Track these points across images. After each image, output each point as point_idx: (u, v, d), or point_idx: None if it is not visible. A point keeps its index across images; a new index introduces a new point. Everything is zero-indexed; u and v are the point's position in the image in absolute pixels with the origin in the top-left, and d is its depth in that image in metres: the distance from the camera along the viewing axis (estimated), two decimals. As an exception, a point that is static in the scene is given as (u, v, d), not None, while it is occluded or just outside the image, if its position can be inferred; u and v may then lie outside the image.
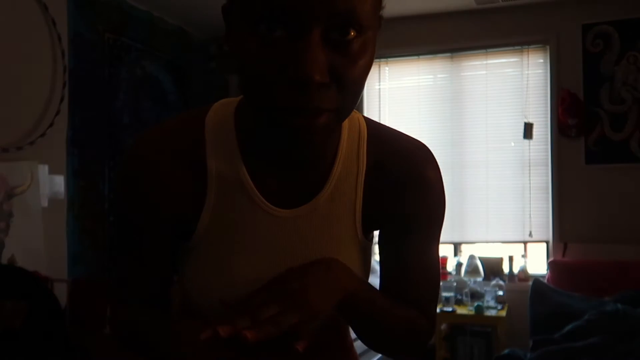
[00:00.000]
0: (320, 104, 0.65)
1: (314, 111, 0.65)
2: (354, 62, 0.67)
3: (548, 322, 3.53)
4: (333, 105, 0.67)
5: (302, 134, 0.67)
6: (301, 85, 0.63)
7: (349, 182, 0.85)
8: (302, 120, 0.66)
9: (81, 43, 3.61)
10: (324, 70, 0.64)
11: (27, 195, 3.11)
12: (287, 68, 0.63)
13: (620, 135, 4.12)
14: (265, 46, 0.64)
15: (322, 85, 0.64)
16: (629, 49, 4.11)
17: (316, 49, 0.63)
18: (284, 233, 0.84)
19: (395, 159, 0.86)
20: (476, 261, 4.14)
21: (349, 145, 0.85)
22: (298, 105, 0.65)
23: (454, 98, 4.57)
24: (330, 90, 0.66)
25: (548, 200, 4.30)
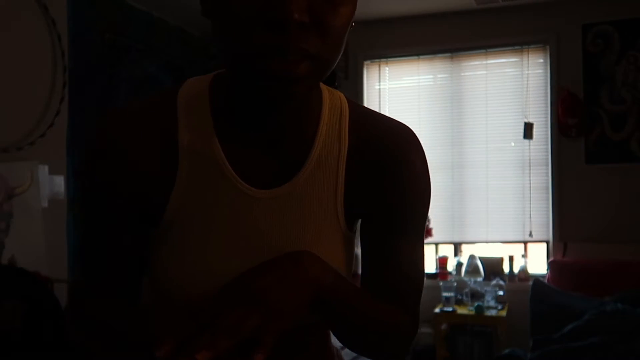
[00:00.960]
0: (301, 44, 0.62)
1: (293, 53, 0.62)
2: (335, 8, 0.64)
3: (548, 322, 3.53)
4: (314, 49, 0.63)
5: (282, 81, 0.63)
6: (279, 25, 0.61)
7: (330, 163, 0.79)
8: (281, 65, 0.62)
9: (81, 43, 3.61)
10: (303, 9, 0.61)
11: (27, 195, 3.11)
12: (265, 9, 0.61)
13: (621, 135, 4.12)
14: None
15: (301, 26, 0.61)
16: (629, 48, 4.11)
17: None
18: (260, 215, 0.78)
19: (378, 141, 0.81)
20: (476, 261, 4.13)
21: (330, 123, 0.80)
22: (277, 46, 0.62)
23: (454, 98, 4.57)
24: (310, 34, 0.63)
25: (548, 200, 4.30)
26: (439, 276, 4.42)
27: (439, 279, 4.38)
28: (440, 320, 4.05)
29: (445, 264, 4.43)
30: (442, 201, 4.53)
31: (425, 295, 3.54)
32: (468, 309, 3.98)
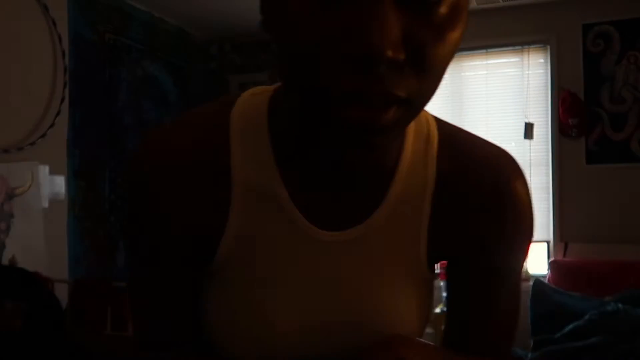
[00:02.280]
0: (392, 89, 0.48)
1: (381, 100, 0.48)
2: (440, 35, 0.49)
3: (549, 322, 3.52)
4: (406, 93, 0.49)
5: (360, 132, 0.49)
6: (366, 63, 0.46)
7: (413, 200, 0.66)
8: (363, 113, 0.48)
9: (82, 44, 3.61)
10: (398, 43, 0.46)
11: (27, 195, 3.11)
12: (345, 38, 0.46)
13: (621, 135, 4.12)
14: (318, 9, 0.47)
15: (394, 64, 0.46)
16: (629, 48, 4.11)
17: (388, 13, 0.45)
18: (329, 262, 0.66)
19: (473, 171, 0.67)
20: (477, 261, 4.13)
21: (414, 152, 0.66)
22: (360, 91, 0.47)
23: (454, 98, 4.56)
24: (405, 72, 0.48)
25: (549, 200, 4.30)
26: (440, 276, 4.41)
27: (440, 279, 4.37)
28: (441, 321, 4.04)
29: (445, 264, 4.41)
30: (442, 201, 4.52)
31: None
32: (468, 309, 3.97)
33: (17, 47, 3.17)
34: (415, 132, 0.66)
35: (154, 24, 4.32)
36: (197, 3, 4.19)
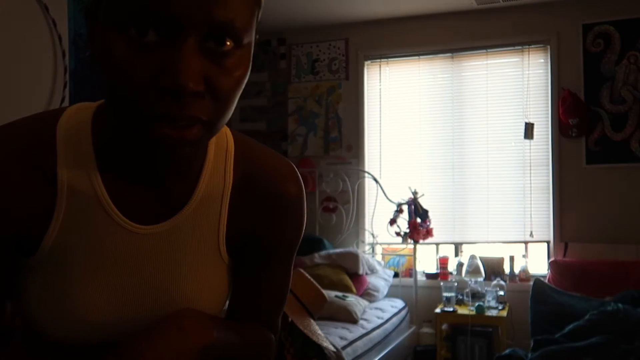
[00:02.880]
0: (194, 113, 0.62)
1: (186, 121, 0.62)
2: (229, 74, 0.64)
3: (549, 322, 3.53)
4: (206, 115, 0.63)
5: (172, 145, 0.63)
6: (174, 94, 0.60)
7: (213, 200, 0.80)
8: (172, 131, 0.62)
9: (82, 44, 3.61)
10: (199, 79, 0.61)
11: (28, 195, 3.11)
12: (159, 75, 0.60)
13: (621, 135, 4.12)
14: (135, 51, 0.60)
15: (196, 95, 0.61)
16: (629, 48, 4.11)
17: (192, 56, 0.60)
18: (141, 251, 0.78)
19: (259, 176, 0.83)
20: (477, 261, 4.13)
21: (215, 161, 0.80)
22: (170, 114, 0.61)
23: (455, 98, 4.57)
24: (204, 100, 0.62)
25: (549, 201, 4.30)
26: (440, 276, 4.42)
27: (440, 279, 4.38)
28: (441, 321, 4.05)
29: (446, 264, 4.43)
30: (442, 202, 4.53)
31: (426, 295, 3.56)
32: (469, 309, 3.98)
33: (18, 47, 3.17)
34: (216, 145, 0.81)
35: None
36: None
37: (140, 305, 0.79)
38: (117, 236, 0.76)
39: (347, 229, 4.71)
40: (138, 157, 0.73)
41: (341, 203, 4.74)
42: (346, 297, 3.75)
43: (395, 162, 4.70)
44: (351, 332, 3.37)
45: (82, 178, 0.73)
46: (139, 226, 0.77)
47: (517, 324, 3.92)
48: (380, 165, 4.73)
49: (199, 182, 0.79)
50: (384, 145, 4.74)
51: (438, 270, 4.50)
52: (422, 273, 4.54)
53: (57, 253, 0.75)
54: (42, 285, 0.77)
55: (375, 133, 4.77)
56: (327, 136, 4.85)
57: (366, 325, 3.58)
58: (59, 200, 0.73)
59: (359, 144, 4.78)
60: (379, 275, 4.38)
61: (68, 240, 0.75)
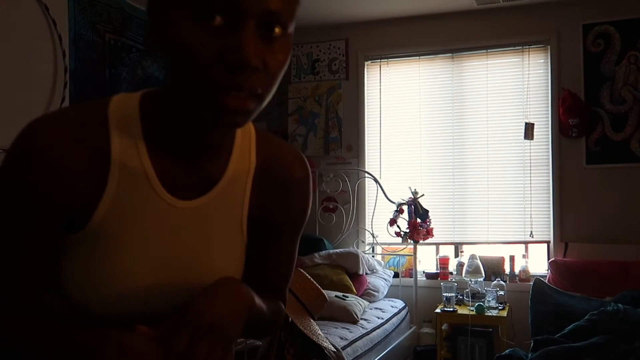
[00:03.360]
0: (252, 85, 0.73)
1: (247, 92, 0.73)
2: (276, 56, 0.75)
3: (549, 322, 3.53)
4: (260, 89, 0.74)
5: (235, 113, 0.74)
6: (239, 68, 0.71)
7: (240, 180, 0.91)
8: (236, 101, 0.73)
9: (82, 44, 3.62)
10: (258, 57, 0.72)
11: (28, 195, 3.11)
12: (226, 53, 0.71)
13: (621, 135, 4.12)
14: (204, 33, 0.71)
15: (255, 70, 0.72)
16: (629, 48, 4.11)
17: (252, 38, 0.71)
18: (179, 225, 0.86)
19: (276, 161, 0.94)
20: (477, 261, 4.13)
21: (241, 144, 0.91)
22: (235, 85, 0.72)
23: (455, 98, 4.57)
24: (259, 76, 0.74)
25: (549, 201, 4.30)
26: (440, 276, 4.42)
27: (440, 279, 4.38)
28: (441, 320, 4.05)
29: (446, 264, 4.43)
30: (442, 202, 4.53)
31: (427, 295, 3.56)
32: (469, 309, 3.98)
33: (18, 47, 3.17)
34: (241, 131, 0.91)
35: (154, 24, 4.32)
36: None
37: (176, 276, 0.87)
38: (159, 210, 0.84)
39: (347, 229, 4.71)
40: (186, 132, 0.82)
41: (341, 203, 4.74)
42: (346, 297, 3.75)
43: (395, 162, 4.70)
44: (351, 332, 3.37)
45: (132, 156, 0.82)
46: (178, 201, 0.85)
47: (517, 324, 3.92)
48: (380, 165, 4.73)
49: (230, 162, 0.89)
50: (384, 146, 4.74)
51: (438, 270, 4.50)
52: (422, 273, 4.54)
53: (104, 227, 0.82)
54: (86, 259, 0.83)
55: (375, 133, 4.77)
56: (327, 136, 4.85)
57: (366, 325, 3.58)
58: (111, 176, 0.81)
59: (359, 144, 4.78)
60: (379, 275, 4.38)
61: (116, 214, 0.82)
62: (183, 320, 0.77)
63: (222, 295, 0.82)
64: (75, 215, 0.81)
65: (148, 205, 0.84)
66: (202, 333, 0.77)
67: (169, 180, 0.84)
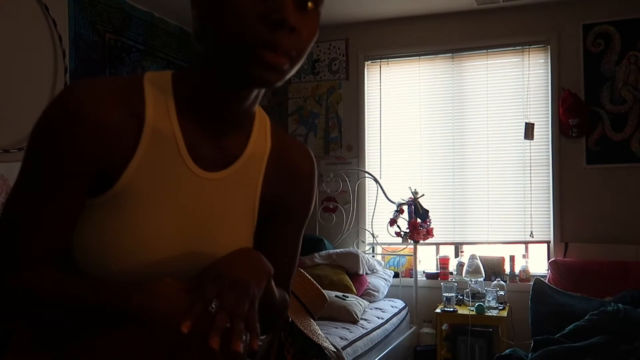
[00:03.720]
0: (288, 44, 0.79)
1: (283, 50, 0.78)
2: (308, 26, 0.81)
3: (549, 322, 3.53)
4: (294, 51, 0.80)
5: (272, 69, 0.79)
6: (279, 25, 0.77)
7: (256, 160, 0.95)
8: (273, 57, 0.78)
9: (82, 44, 3.62)
10: (296, 20, 0.78)
11: (28, 196, 3.11)
12: (269, 12, 0.77)
13: (621, 135, 4.12)
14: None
15: (292, 30, 0.78)
16: (629, 49, 4.11)
17: (293, 4, 0.78)
18: (200, 194, 0.89)
19: (286, 150, 0.99)
20: (477, 261, 4.13)
21: (259, 126, 0.96)
22: (274, 41, 0.77)
23: (455, 98, 4.57)
24: (294, 38, 0.79)
25: (549, 201, 4.30)
26: (440, 276, 4.42)
27: (440, 279, 4.38)
28: (442, 321, 4.05)
29: (446, 264, 4.43)
30: (442, 202, 4.53)
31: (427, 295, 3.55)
32: (469, 309, 3.98)
33: (18, 47, 3.18)
34: (258, 114, 0.96)
35: (154, 24, 4.32)
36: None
37: (192, 243, 0.89)
38: (184, 177, 0.87)
39: (347, 229, 4.71)
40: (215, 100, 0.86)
41: (341, 203, 4.74)
42: (346, 297, 3.75)
43: (396, 162, 4.70)
44: (351, 332, 3.37)
45: (165, 122, 0.86)
46: (202, 171, 0.89)
47: (517, 324, 3.92)
48: (380, 166, 4.73)
49: (250, 140, 0.94)
50: (384, 146, 4.74)
51: (438, 270, 4.50)
52: (422, 273, 4.54)
53: (130, 187, 0.84)
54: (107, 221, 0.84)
55: (375, 133, 4.77)
56: (327, 136, 4.85)
57: (366, 325, 3.58)
58: (143, 138, 0.84)
59: (359, 144, 4.78)
60: (379, 276, 4.38)
61: (143, 176, 0.85)
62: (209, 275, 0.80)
63: (245, 258, 0.85)
64: (103, 175, 0.83)
65: (174, 170, 0.87)
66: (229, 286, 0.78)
67: (195, 150, 0.88)
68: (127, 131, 0.83)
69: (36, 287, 0.82)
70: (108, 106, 0.82)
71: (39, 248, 0.83)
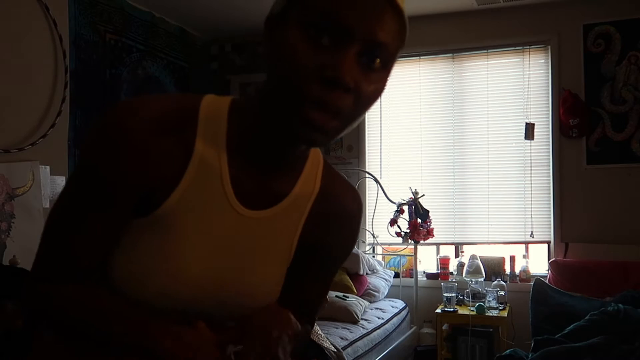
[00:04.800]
0: (340, 104, 0.75)
1: (333, 110, 0.74)
2: (370, 85, 0.77)
3: (549, 322, 3.52)
4: (346, 111, 0.76)
5: (317, 127, 0.75)
6: (334, 85, 0.73)
7: (302, 201, 0.93)
8: (321, 116, 0.75)
9: (82, 44, 3.62)
10: (352, 79, 0.74)
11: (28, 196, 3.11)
12: (325, 69, 0.73)
13: (622, 136, 4.12)
14: (311, 48, 0.74)
15: (347, 90, 0.74)
16: (630, 49, 4.11)
17: (352, 60, 0.74)
18: (238, 231, 0.89)
19: (336, 192, 0.98)
20: (478, 261, 4.13)
21: (310, 167, 0.94)
22: (325, 100, 0.74)
23: (455, 98, 4.57)
24: (349, 99, 0.75)
25: (549, 201, 4.30)
26: (440, 276, 4.42)
27: (440, 279, 4.38)
28: (442, 321, 4.05)
29: (446, 265, 4.42)
30: (443, 202, 4.53)
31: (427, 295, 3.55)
32: (469, 309, 3.97)
33: (18, 47, 3.18)
34: (312, 154, 0.94)
35: (154, 24, 4.32)
36: (198, 3, 4.19)
37: (223, 280, 0.89)
38: (225, 212, 0.87)
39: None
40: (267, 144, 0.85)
41: (342, 203, 4.73)
42: (347, 297, 3.75)
43: (396, 162, 4.70)
44: (352, 332, 3.37)
45: (213, 154, 0.84)
46: (243, 209, 0.88)
47: (518, 324, 3.92)
48: (380, 166, 4.72)
49: (297, 183, 0.92)
50: (384, 146, 4.74)
51: (438, 270, 4.50)
52: (423, 273, 4.54)
53: (171, 216, 0.84)
54: (144, 244, 0.85)
55: (375, 133, 4.77)
56: (328, 136, 4.85)
57: (367, 326, 3.58)
58: (190, 168, 0.84)
59: (359, 144, 4.77)
60: (380, 276, 4.38)
61: (184, 206, 0.84)
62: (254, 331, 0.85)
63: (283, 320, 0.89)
64: (147, 200, 0.83)
65: (215, 204, 0.86)
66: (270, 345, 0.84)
67: (240, 186, 0.87)
68: (175, 158, 0.83)
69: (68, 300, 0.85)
70: (158, 131, 0.81)
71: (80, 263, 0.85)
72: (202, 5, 4.21)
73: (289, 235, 0.94)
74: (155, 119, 0.81)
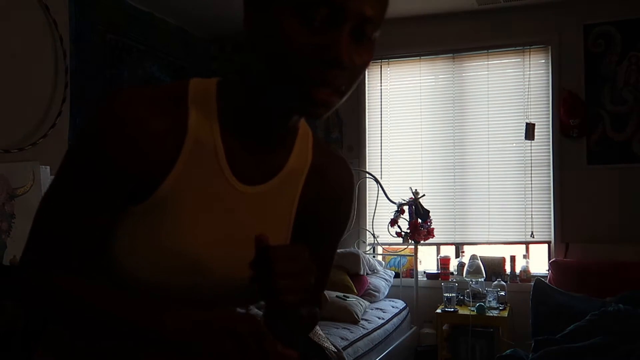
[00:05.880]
0: (340, 82, 0.78)
1: (334, 88, 0.78)
2: (362, 57, 0.80)
3: (550, 322, 3.52)
4: (344, 86, 0.79)
5: (322, 105, 0.79)
6: (333, 65, 0.76)
7: (296, 174, 0.95)
8: (324, 95, 0.78)
9: (83, 44, 3.62)
10: (349, 57, 0.77)
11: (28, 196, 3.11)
12: (323, 50, 0.75)
13: (622, 136, 4.11)
14: (304, 30, 0.76)
15: (345, 69, 0.77)
16: (630, 49, 4.11)
17: (348, 39, 0.76)
18: (236, 206, 0.90)
19: (328, 165, 0.99)
20: (478, 261, 4.13)
21: (301, 141, 0.95)
22: (327, 81, 0.77)
23: (456, 99, 4.57)
24: (346, 74, 0.78)
25: (550, 201, 4.29)
26: (441, 277, 4.42)
27: (441, 279, 4.38)
28: (442, 321, 4.04)
29: (446, 265, 4.42)
30: (443, 202, 4.53)
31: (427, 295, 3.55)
32: (470, 309, 3.97)
33: (18, 47, 3.18)
34: (302, 128, 0.95)
35: (154, 24, 4.32)
36: (198, 3, 4.19)
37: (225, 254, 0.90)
38: (221, 188, 0.88)
39: (347, 229, 4.70)
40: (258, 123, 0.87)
41: (342, 203, 4.73)
42: (347, 297, 3.75)
43: (396, 162, 4.70)
44: (352, 332, 3.37)
45: (206, 133, 0.86)
46: (240, 184, 0.89)
47: (518, 324, 3.91)
48: (381, 166, 4.72)
49: (290, 157, 0.93)
50: (384, 146, 4.74)
51: (439, 270, 4.50)
52: (423, 273, 4.54)
53: (169, 197, 0.85)
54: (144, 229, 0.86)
55: (376, 133, 4.77)
56: (328, 136, 4.85)
57: (367, 326, 3.58)
58: (185, 148, 0.84)
59: (359, 144, 4.77)
60: (380, 276, 4.38)
61: (182, 185, 0.85)
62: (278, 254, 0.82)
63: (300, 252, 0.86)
64: (143, 184, 0.84)
65: (213, 182, 0.87)
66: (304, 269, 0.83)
67: (235, 163, 0.88)
68: (170, 141, 0.84)
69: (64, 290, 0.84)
70: (152, 115, 0.82)
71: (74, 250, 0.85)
72: (202, 5, 4.21)
73: (287, 207, 0.95)
74: (148, 104, 0.83)
